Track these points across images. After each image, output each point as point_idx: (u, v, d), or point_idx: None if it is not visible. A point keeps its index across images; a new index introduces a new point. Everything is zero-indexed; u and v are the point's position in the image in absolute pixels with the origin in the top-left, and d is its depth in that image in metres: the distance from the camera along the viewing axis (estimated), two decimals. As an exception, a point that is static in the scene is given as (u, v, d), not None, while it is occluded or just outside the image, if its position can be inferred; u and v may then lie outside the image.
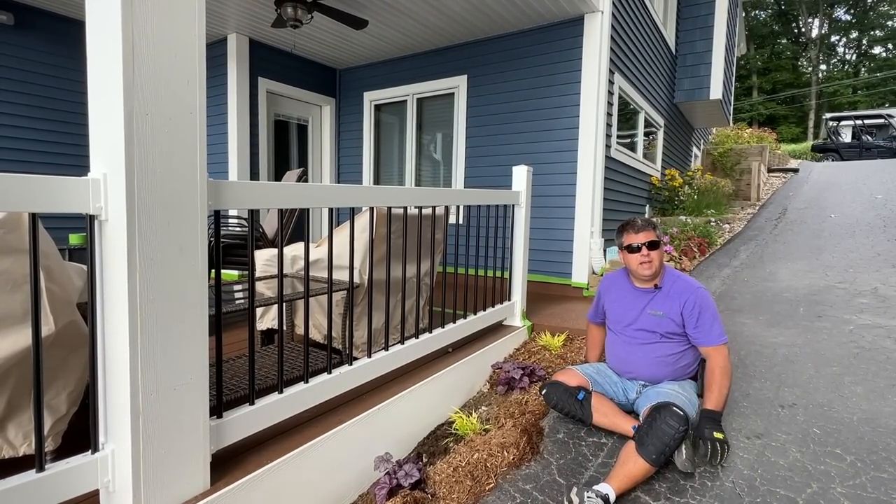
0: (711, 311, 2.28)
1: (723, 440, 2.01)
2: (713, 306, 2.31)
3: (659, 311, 2.33)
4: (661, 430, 1.92)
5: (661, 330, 2.33)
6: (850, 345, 3.26)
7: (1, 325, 1.43)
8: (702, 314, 2.26)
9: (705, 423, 2.07)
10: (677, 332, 2.31)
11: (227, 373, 2.19)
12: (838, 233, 6.80)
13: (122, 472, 1.35)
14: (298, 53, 5.99)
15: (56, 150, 4.91)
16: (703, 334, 2.25)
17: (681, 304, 2.29)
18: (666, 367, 2.34)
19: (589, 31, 4.74)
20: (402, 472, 1.98)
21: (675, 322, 2.30)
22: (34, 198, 1.19)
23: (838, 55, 36.10)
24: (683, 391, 2.23)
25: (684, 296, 2.30)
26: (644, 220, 2.41)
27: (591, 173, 4.77)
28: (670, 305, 2.32)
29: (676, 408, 1.99)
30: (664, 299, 2.34)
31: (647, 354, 2.37)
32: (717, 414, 2.10)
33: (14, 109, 4.64)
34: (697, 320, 2.26)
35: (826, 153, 16.72)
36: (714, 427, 2.04)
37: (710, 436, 2.01)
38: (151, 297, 1.32)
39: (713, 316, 2.27)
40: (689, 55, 7.79)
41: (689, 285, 2.34)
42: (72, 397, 1.61)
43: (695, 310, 2.27)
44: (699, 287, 2.34)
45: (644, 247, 2.32)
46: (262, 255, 2.90)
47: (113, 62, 1.24)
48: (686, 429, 1.94)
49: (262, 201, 1.72)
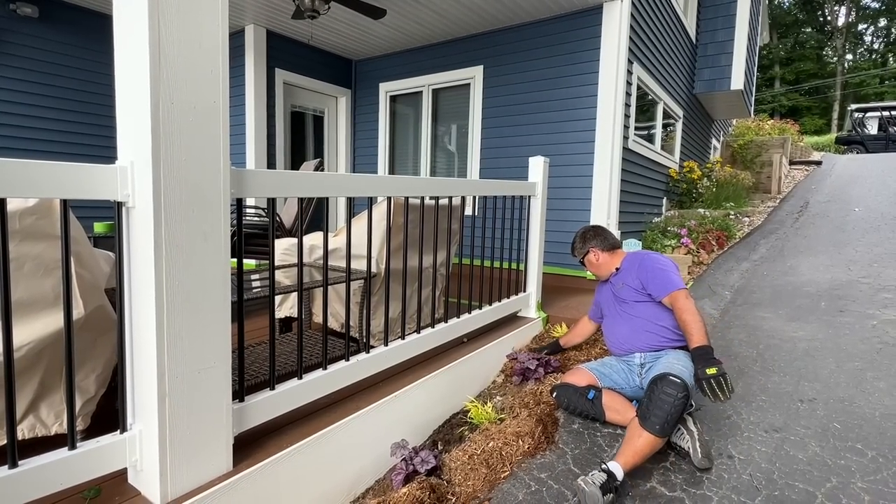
0: (659, 267, 2.50)
1: (716, 373, 2.00)
2: (661, 262, 2.53)
3: (622, 283, 2.64)
4: (661, 400, 1.93)
5: (631, 298, 2.57)
6: (874, 340, 3.20)
7: (32, 309, 1.48)
8: (650, 272, 2.49)
9: (696, 363, 2.10)
10: (644, 294, 2.53)
11: (248, 359, 2.24)
12: (862, 227, 6.64)
13: (149, 452, 1.39)
14: (315, 44, 6.01)
15: (81, 142, 5.01)
16: (656, 287, 2.45)
17: (635, 273, 2.57)
18: (652, 331, 2.46)
19: (608, 20, 4.67)
20: (418, 459, 2.01)
21: (637, 288, 2.55)
22: (64, 185, 1.22)
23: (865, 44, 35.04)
24: (679, 361, 2.24)
25: (634, 264, 2.61)
26: (571, 245, 2.91)
27: (608, 165, 4.72)
28: (627, 276, 2.63)
29: (672, 376, 2.00)
30: (623, 274, 2.67)
31: (631, 322, 2.54)
32: (703, 349, 2.12)
33: (41, 101, 4.74)
34: (648, 277, 2.49)
35: (851, 145, 16.27)
36: (704, 364, 2.06)
37: (702, 375, 2.03)
38: (176, 282, 1.35)
39: (661, 270, 2.48)
40: (710, 44, 7.62)
41: (639, 254, 2.66)
42: (100, 379, 1.66)
43: (643, 271, 2.52)
44: (647, 253, 2.65)
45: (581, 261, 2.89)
46: (280, 244, 2.94)
47: (140, 52, 1.26)
48: (686, 395, 1.94)
49: (283, 190, 1.75)
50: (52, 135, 4.83)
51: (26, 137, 4.66)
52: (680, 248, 5.37)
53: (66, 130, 4.92)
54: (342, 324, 2.80)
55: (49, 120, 4.81)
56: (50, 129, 4.82)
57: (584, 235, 2.85)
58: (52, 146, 4.83)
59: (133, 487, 1.45)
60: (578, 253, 2.86)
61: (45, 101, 4.77)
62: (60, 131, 4.89)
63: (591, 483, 1.75)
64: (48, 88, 4.79)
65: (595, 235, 2.82)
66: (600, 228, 2.86)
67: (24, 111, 4.65)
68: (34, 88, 4.70)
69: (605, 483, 1.75)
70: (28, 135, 4.68)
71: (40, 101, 4.74)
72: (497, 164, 5.44)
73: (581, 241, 2.85)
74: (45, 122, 4.79)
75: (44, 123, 4.78)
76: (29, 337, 1.47)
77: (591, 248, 2.80)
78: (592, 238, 2.81)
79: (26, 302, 1.45)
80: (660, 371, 2.14)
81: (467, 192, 2.81)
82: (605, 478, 1.77)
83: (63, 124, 4.90)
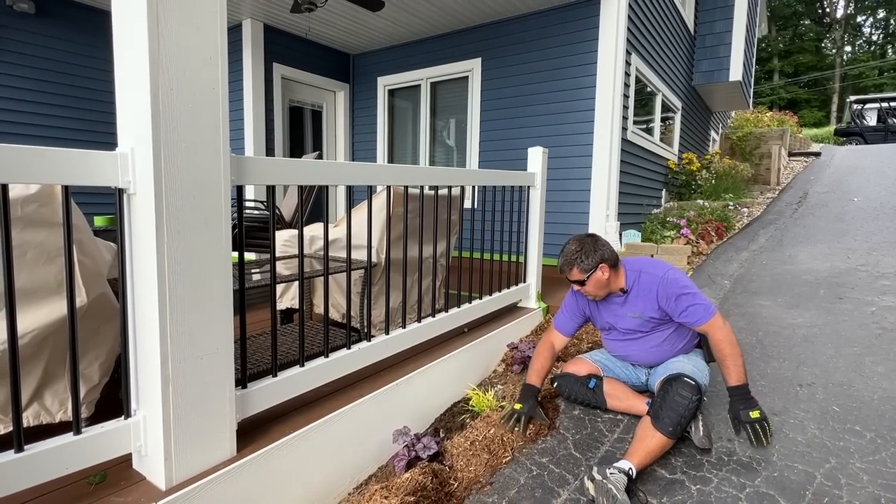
0: (687, 291, 2.17)
1: (760, 418, 1.98)
2: (684, 283, 2.21)
3: (636, 312, 2.28)
4: (675, 402, 1.93)
5: (645, 328, 2.30)
6: (872, 326, 3.21)
7: (36, 297, 1.49)
8: (679, 300, 2.16)
9: (737, 403, 2.02)
10: (663, 320, 2.27)
11: (250, 348, 2.25)
12: (861, 216, 6.64)
13: (153, 437, 1.40)
14: (313, 39, 6.00)
15: (80, 138, 5.00)
16: (690, 317, 2.15)
17: (655, 299, 2.22)
18: (665, 352, 2.32)
19: (605, 11, 4.66)
20: (420, 445, 2.02)
21: (656, 317, 2.25)
22: (65, 171, 1.23)
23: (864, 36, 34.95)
24: (690, 361, 2.23)
25: (653, 290, 2.22)
26: (563, 260, 2.27)
27: (606, 156, 4.73)
28: (644, 304, 2.25)
29: (687, 378, 2.00)
30: (636, 299, 2.27)
31: (642, 346, 2.35)
32: (743, 388, 2.03)
33: (40, 97, 4.74)
34: (678, 307, 2.17)
35: (849, 137, 16.26)
36: (747, 405, 2.00)
37: (746, 418, 1.98)
38: (178, 268, 1.36)
39: (691, 295, 2.16)
40: (709, 36, 7.61)
41: (653, 277, 2.24)
42: (104, 367, 1.67)
43: (670, 300, 2.18)
44: (663, 273, 2.23)
45: (574, 284, 2.29)
46: (280, 235, 2.94)
47: (139, 39, 1.26)
48: (699, 398, 1.95)
49: (283, 177, 1.75)
50: (50, 130, 4.83)
51: (26, 134, 4.66)
52: (679, 238, 5.38)
53: (64, 126, 4.92)
54: (343, 314, 2.81)
55: (47, 116, 4.81)
56: (48, 124, 4.82)
57: (582, 247, 2.22)
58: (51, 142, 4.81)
59: (138, 472, 1.47)
60: (583, 269, 2.21)
61: (43, 97, 4.77)
62: (59, 127, 4.89)
63: (621, 490, 1.69)
64: (47, 84, 4.79)
65: (598, 246, 2.23)
66: (599, 237, 2.30)
67: (23, 107, 4.66)
68: (33, 85, 4.70)
69: (627, 486, 1.73)
70: (28, 131, 4.68)
71: (39, 98, 4.74)
72: (496, 157, 5.44)
73: (583, 254, 2.20)
74: (44, 119, 4.79)
75: (42, 119, 4.78)
76: (32, 325, 1.48)
77: (600, 264, 2.20)
78: (597, 249, 2.22)
79: (29, 290, 1.46)
80: (673, 371, 2.12)
81: (466, 182, 2.81)
82: (626, 480, 1.74)
83: (61, 119, 4.90)
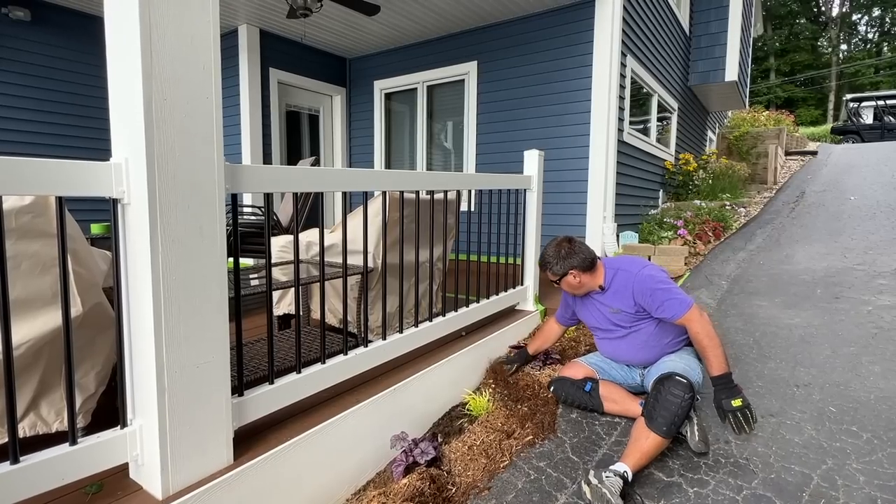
0: (661, 286, 2.23)
1: (742, 406, 1.99)
2: (659, 278, 2.27)
3: (615, 307, 2.38)
4: (668, 401, 1.94)
5: (626, 322, 2.37)
6: (869, 325, 3.22)
7: (31, 307, 1.49)
8: (654, 295, 2.22)
9: (720, 392, 2.04)
10: (642, 317, 2.33)
11: (247, 355, 2.25)
12: (858, 215, 6.66)
13: (150, 446, 1.40)
14: (308, 43, 6.01)
15: (74, 144, 5.01)
16: (667, 311, 2.20)
17: (631, 296, 2.30)
18: (653, 348, 2.35)
19: (600, 13, 4.68)
20: (417, 450, 2.02)
21: (634, 313, 2.32)
22: (60, 181, 1.23)
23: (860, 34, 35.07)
24: (682, 360, 2.25)
25: (629, 286, 2.31)
26: (540, 262, 2.51)
27: (603, 158, 4.74)
28: (621, 300, 2.35)
29: (678, 376, 2.01)
30: (613, 296, 2.38)
31: (629, 344, 2.40)
32: (725, 377, 2.04)
33: (34, 104, 4.75)
34: (653, 302, 2.23)
35: (846, 135, 16.28)
36: (729, 394, 2.01)
37: (729, 407, 1.99)
38: (174, 277, 1.36)
39: (665, 290, 2.22)
40: (704, 36, 7.63)
41: (629, 274, 2.33)
42: (100, 377, 1.67)
43: (645, 295, 2.25)
44: (638, 270, 2.31)
45: (555, 282, 2.49)
46: (276, 241, 2.94)
47: (132, 49, 1.27)
48: (692, 395, 1.95)
49: (278, 185, 1.75)
50: (45, 138, 4.84)
51: (20, 141, 4.67)
52: (677, 239, 5.39)
53: (59, 133, 4.93)
54: (340, 319, 2.81)
55: (42, 123, 4.82)
56: (43, 132, 4.83)
57: (557, 252, 2.40)
58: (45, 149, 4.83)
59: (134, 482, 1.46)
60: (554, 273, 2.43)
61: (39, 105, 4.78)
62: (54, 134, 4.90)
63: (616, 494, 1.70)
64: (42, 92, 4.79)
65: (571, 253, 2.39)
66: (576, 242, 2.43)
67: (18, 115, 4.66)
68: (28, 92, 4.71)
69: (622, 489, 1.74)
70: (22, 138, 4.69)
71: (34, 105, 4.75)
72: (493, 160, 5.45)
73: (556, 259, 2.40)
74: (39, 126, 4.80)
75: (37, 127, 4.79)
76: (28, 335, 1.48)
77: (570, 270, 2.38)
78: (569, 256, 2.38)
79: (24, 300, 1.46)
80: (664, 371, 2.13)
81: (463, 186, 2.82)
82: (622, 484, 1.75)
83: (56, 127, 4.91)
